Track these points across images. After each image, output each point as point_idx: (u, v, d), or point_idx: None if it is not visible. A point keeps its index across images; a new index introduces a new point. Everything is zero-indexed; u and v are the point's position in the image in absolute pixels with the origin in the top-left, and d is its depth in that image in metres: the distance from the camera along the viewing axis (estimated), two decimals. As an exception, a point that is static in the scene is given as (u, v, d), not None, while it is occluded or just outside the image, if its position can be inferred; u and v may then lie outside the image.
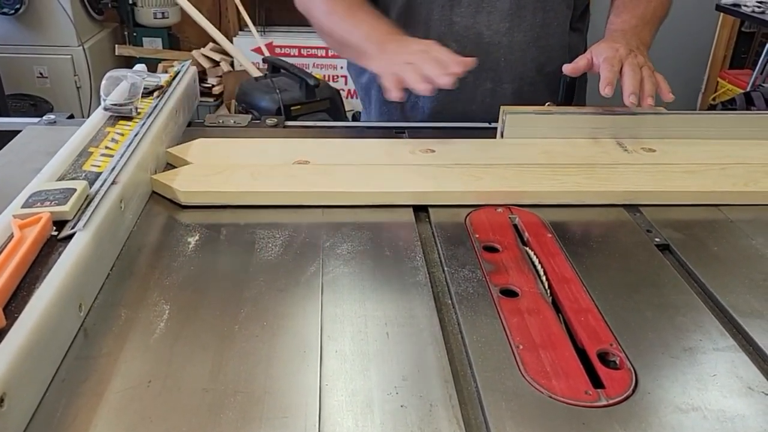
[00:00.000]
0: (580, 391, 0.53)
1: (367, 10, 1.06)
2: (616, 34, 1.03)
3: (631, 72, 0.93)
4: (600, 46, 0.98)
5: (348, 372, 0.54)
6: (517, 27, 1.12)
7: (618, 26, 1.06)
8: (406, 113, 1.22)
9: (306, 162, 0.88)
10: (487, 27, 1.11)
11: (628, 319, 0.62)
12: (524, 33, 1.12)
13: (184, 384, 0.52)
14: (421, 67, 0.87)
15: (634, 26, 1.05)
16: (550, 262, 0.71)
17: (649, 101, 0.92)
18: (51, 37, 3.11)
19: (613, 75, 0.92)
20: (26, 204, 0.65)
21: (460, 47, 1.11)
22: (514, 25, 1.11)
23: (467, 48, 1.12)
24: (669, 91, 0.94)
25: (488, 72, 1.14)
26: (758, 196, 0.85)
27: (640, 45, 1.01)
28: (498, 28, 1.11)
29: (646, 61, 0.96)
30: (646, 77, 0.93)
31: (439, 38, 1.11)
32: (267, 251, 0.71)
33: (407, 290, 0.66)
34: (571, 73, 0.98)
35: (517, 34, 1.12)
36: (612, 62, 0.93)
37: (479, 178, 0.85)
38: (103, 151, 0.79)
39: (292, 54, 3.43)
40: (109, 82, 0.93)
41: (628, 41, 0.99)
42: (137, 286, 0.65)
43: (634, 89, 0.91)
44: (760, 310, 0.64)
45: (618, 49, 0.95)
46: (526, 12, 1.11)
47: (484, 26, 1.11)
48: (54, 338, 0.53)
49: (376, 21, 1.03)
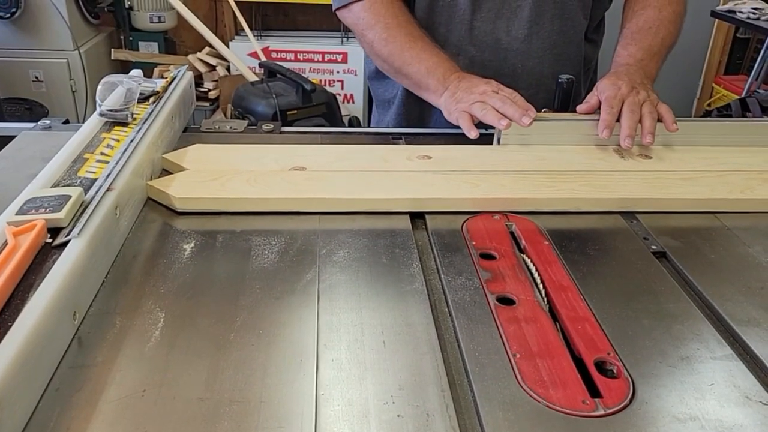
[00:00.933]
0: (578, 400, 0.53)
1: (426, 42, 1.08)
2: (620, 69, 1.03)
3: (629, 113, 0.93)
4: (603, 82, 0.99)
5: (344, 381, 0.54)
6: (535, 34, 1.13)
7: (624, 60, 1.07)
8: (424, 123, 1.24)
9: (302, 168, 0.88)
10: (506, 33, 1.13)
11: (625, 327, 0.62)
12: (542, 40, 1.14)
13: (179, 393, 0.52)
14: (500, 107, 0.94)
15: (640, 60, 1.05)
16: (546, 269, 0.71)
17: (647, 139, 0.93)
18: (47, 40, 3.10)
19: (611, 117, 0.94)
20: (21, 211, 0.64)
21: (479, 52, 1.14)
22: (533, 32, 1.13)
23: (485, 53, 1.15)
24: (673, 122, 0.95)
25: (505, 78, 1.14)
26: (755, 204, 0.85)
27: (644, 79, 1.01)
28: (517, 34, 1.13)
29: (648, 96, 0.97)
30: (645, 114, 0.94)
31: (459, 41, 1.14)
32: (263, 258, 0.71)
33: (404, 298, 0.65)
34: (585, 112, 0.98)
35: (535, 41, 1.14)
36: (612, 103, 0.94)
37: (476, 185, 0.85)
38: (98, 157, 0.79)
39: (288, 58, 3.43)
40: (104, 88, 0.93)
41: (631, 77, 1.00)
42: (132, 293, 0.65)
43: (630, 132, 0.92)
44: (758, 318, 0.64)
45: (620, 87, 0.96)
46: (544, 20, 1.13)
47: (503, 32, 1.13)
48: (48, 347, 0.52)
49: (437, 55, 1.06)
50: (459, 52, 1.16)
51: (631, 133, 0.92)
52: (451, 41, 1.15)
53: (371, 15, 1.10)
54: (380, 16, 1.10)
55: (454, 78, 1.02)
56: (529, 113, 0.93)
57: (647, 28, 1.09)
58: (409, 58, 1.07)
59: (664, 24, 1.09)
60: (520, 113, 0.93)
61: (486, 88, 0.97)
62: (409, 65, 1.07)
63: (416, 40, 1.08)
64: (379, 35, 1.10)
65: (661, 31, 1.09)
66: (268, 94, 2.48)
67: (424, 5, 1.15)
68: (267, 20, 3.64)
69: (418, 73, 1.06)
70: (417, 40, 1.08)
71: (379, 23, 1.10)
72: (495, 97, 0.95)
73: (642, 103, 0.95)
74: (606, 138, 0.93)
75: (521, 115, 0.93)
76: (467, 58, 1.16)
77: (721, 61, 3.91)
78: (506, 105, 0.94)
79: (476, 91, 0.97)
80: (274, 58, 3.40)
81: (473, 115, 0.96)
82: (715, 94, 3.77)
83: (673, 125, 0.95)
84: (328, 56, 3.44)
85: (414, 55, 1.06)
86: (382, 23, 1.09)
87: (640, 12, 1.12)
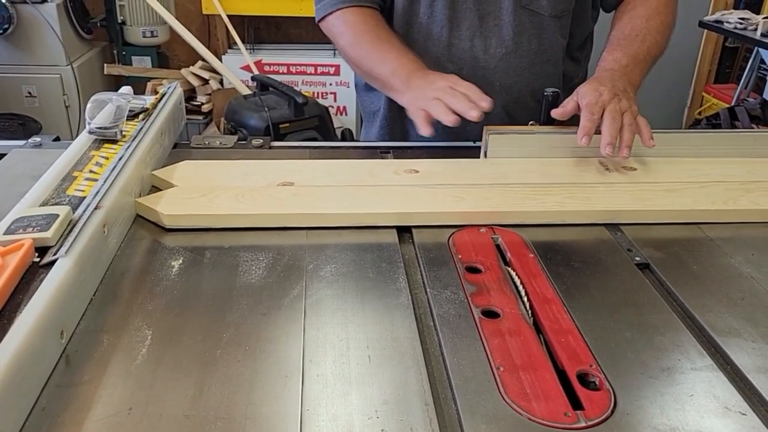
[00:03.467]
0: (560, 413, 0.53)
1: (393, 43, 1.09)
2: (604, 74, 1.02)
3: (610, 120, 0.92)
4: (585, 87, 0.97)
5: (329, 396, 0.55)
6: (513, 53, 1.14)
7: (608, 65, 1.05)
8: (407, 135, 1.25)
9: (290, 183, 0.89)
10: (483, 51, 1.14)
11: (608, 339, 0.63)
12: (520, 59, 1.15)
13: (165, 410, 0.52)
14: (449, 101, 0.92)
15: (625, 66, 1.04)
16: (531, 282, 0.71)
17: (624, 153, 0.91)
18: (39, 56, 3.11)
19: (591, 124, 0.92)
20: (8, 230, 0.65)
21: (457, 69, 1.14)
22: (510, 51, 1.14)
23: (463, 70, 1.15)
24: (650, 138, 0.93)
25: None
26: (737, 215, 0.86)
27: (627, 86, 1.00)
28: (494, 53, 1.14)
29: (630, 105, 0.95)
30: (626, 125, 0.92)
31: (437, 59, 1.15)
32: (250, 274, 0.72)
33: (390, 312, 0.66)
34: (560, 117, 0.97)
35: (513, 59, 1.15)
36: (592, 109, 0.93)
37: (462, 198, 0.86)
38: (87, 175, 0.79)
39: (281, 71, 3.45)
40: (94, 105, 0.94)
41: (614, 83, 0.98)
42: (120, 311, 0.65)
43: (611, 139, 0.91)
44: (738, 329, 0.65)
45: (602, 93, 0.95)
46: (522, 39, 1.14)
47: (481, 50, 1.14)
48: (35, 366, 0.53)
49: (403, 55, 1.06)
50: (437, 70, 1.17)
51: (612, 141, 0.91)
52: (429, 58, 1.16)
53: (342, 23, 1.13)
54: (350, 24, 1.12)
55: (417, 77, 1.01)
56: (480, 105, 0.91)
57: (634, 35, 1.09)
58: (376, 60, 1.08)
59: (651, 33, 1.09)
60: (468, 106, 0.90)
61: (442, 84, 0.96)
62: (376, 66, 1.08)
63: (383, 42, 1.09)
64: (348, 41, 1.12)
65: (648, 40, 1.08)
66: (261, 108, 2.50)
67: (401, 23, 1.16)
68: (259, 33, 3.66)
69: (384, 74, 1.06)
70: (383, 41, 1.09)
71: (349, 30, 1.12)
72: (448, 93, 0.93)
73: (623, 112, 0.94)
74: (585, 145, 0.91)
75: (469, 108, 0.90)
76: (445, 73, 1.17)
77: (710, 71, 3.94)
78: (455, 99, 0.92)
79: (432, 87, 0.96)
80: (266, 71, 3.41)
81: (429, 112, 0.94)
82: (705, 102, 3.80)
83: (650, 141, 0.93)
84: (320, 69, 3.46)
85: (380, 56, 1.07)
86: (351, 29, 1.12)
87: (627, 20, 1.12)
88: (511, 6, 1.11)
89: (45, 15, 3.03)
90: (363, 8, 1.13)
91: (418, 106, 0.95)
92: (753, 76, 3.39)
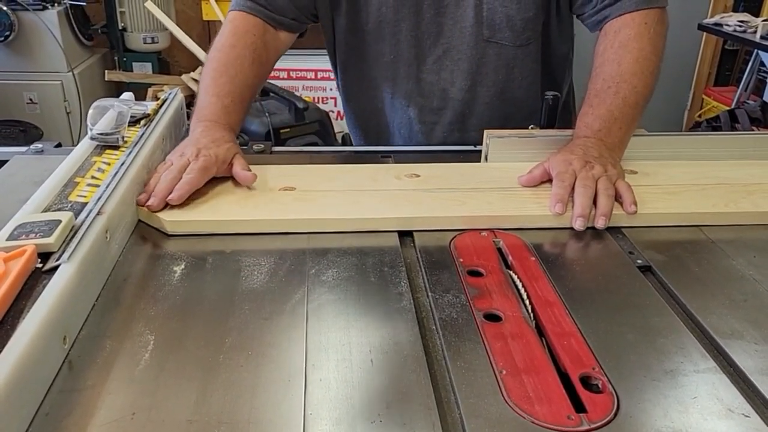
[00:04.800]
0: (563, 416, 0.53)
1: (224, 82, 1.02)
2: (577, 142, 0.95)
3: (582, 189, 0.85)
4: (555, 158, 0.92)
5: (332, 400, 0.55)
6: (479, 84, 1.15)
7: (581, 132, 0.97)
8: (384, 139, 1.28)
9: (292, 188, 0.89)
10: (450, 84, 1.15)
11: (610, 342, 0.63)
12: (487, 88, 1.16)
13: (169, 416, 0.53)
14: (163, 176, 0.85)
15: (597, 130, 0.95)
16: (533, 285, 0.72)
17: (600, 222, 0.83)
18: (41, 63, 3.12)
19: (564, 191, 0.85)
20: (11, 236, 0.65)
21: (427, 101, 1.17)
22: (476, 82, 1.15)
23: (434, 102, 1.18)
24: (632, 203, 0.85)
25: (455, 124, 1.19)
26: (738, 217, 0.86)
27: (604, 152, 0.92)
28: (461, 85, 1.15)
29: (605, 171, 0.88)
30: (600, 191, 0.85)
31: (407, 94, 1.17)
32: (252, 279, 0.72)
33: (392, 316, 0.66)
34: (526, 184, 0.91)
35: (479, 90, 1.16)
36: (563, 177, 0.87)
37: (463, 202, 0.86)
38: (89, 180, 0.80)
39: (281, 77, 3.45)
40: (96, 112, 0.94)
41: (586, 150, 0.92)
42: (122, 316, 0.65)
43: (582, 211, 0.83)
44: (741, 331, 0.65)
45: (571, 162, 0.89)
46: (487, 70, 1.14)
47: (448, 83, 1.16)
48: (38, 372, 0.53)
49: (213, 103, 1.00)
50: (408, 104, 1.19)
51: (584, 213, 0.82)
52: (399, 94, 1.17)
53: (224, 25, 1.11)
54: (224, 33, 1.09)
55: (197, 129, 0.95)
56: (170, 197, 0.81)
57: (606, 88, 0.98)
58: (201, 90, 1.03)
59: (625, 79, 0.98)
60: (161, 189, 0.82)
61: (178, 155, 0.89)
62: (199, 95, 1.03)
63: (219, 75, 1.03)
64: (212, 48, 1.09)
65: (622, 90, 0.97)
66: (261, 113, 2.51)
67: (369, 63, 1.17)
68: (260, 39, 3.66)
69: (197, 105, 1.02)
70: (221, 74, 1.03)
71: (222, 36, 1.09)
72: (172, 167, 0.86)
73: (597, 179, 0.86)
74: (560, 213, 0.83)
75: (159, 191, 0.82)
76: (417, 107, 1.19)
77: (710, 73, 3.95)
78: (166, 176, 0.84)
79: (179, 152, 0.90)
80: (267, 76, 3.42)
81: None
82: (705, 105, 3.81)
83: (632, 206, 0.84)
84: (320, 74, 3.46)
85: (204, 88, 1.03)
86: (220, 40, 1.09)
87: (599, 69, 1.01)
88: (473, 40, 1.11)
89: (46, 22, 3.04)
90: (250, 17, 1.09)
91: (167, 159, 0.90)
92: (753, 78, 3.40)
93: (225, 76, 1.03)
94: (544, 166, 0.92)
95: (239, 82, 1.04)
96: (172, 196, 0.82)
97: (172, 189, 0.83)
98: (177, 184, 0.83)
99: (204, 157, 0.87)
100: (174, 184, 0.83)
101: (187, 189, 0.83)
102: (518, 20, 1.09)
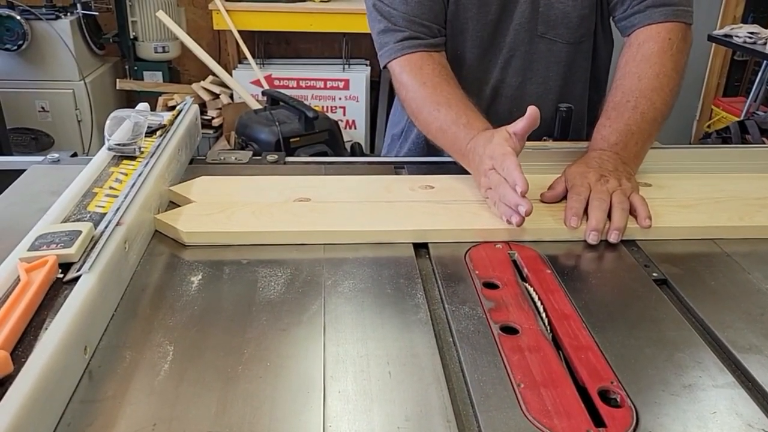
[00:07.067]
0: (582, 429, 0.53)
1: (451, 101, 1.01)
2: (592, 155, 0.95)
3: (596, 203, 0.85)
4: (571, 170, 0.92)
5: (351, 412, 0.55)
6: (528, 80, 1.16)
7: (598, 144, 0.97)
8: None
9: (307, 199, 0.89)
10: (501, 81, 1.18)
11: (627, 355, 0.63)
12: (536, 86, 1.17)
13: (189, 426, 0.53)
14: (498, 203, 0.85)
15: (613, 144, 0.95)
16: (549, 298, 0.72)
17: (613, 236, 0.83)
18: (53, 72, 3.15)
19: (579, 205, 0.86)
20: (32, 247, 0.66)
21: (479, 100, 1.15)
22: (526, 78, 1.17)
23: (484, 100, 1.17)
24: (646, 218, 0.85)
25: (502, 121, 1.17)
26: (753, 231, 0.86)
27: (619, 166, 0.92)
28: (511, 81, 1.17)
29: (619, 184, 0.88)
30: (615, 205, 0.85)
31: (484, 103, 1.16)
32: (269, 290, 0.72)
33: (409, 328, 0.66)
34: (549, 201, 0.91)
35: (529, 86, 1.17)
36: (578, 191, 0.87)
37: (478, 215, 0.86)
38: (107, 191, 0.80)
39: (290, 86, 3.47)
40: (113, 122, 0.95)
41: (603, 164, 0.92)
42: (141, 327, 0.66)
43: (597, 225, 0.83)
44: (759, 345, 0.65)
45: (586, 176, 0.89)
46: (539, 66, 1.16)
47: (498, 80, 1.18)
48: (60, 382, 0.53)
49: (456, 121, 0.98)
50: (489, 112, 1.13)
51: (598, 227, 0.83)
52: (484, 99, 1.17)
53: (400, 72, 1.07)
54: (409, 74, 1.05)
55: (469, 151, 0.94)
56: (521, 213, 0.81)
57: (624, 102, 0.98)
58: (432, 119, 1.01)
59: (644, 95, 0.98)
60: (511, 213, 0.82)
61: (486, 167, 0.88)
62: (434, 128, 1.01)
63: (440, 102, 1.01)
64: (406, 95, 1.05)
65: (641, 105, 0.97)
66: (271, 122, 2.52)
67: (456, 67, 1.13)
68: (269, 48, 3.69)
69: (446, 141, 1.00)
70: (441, 101, 1.01)
71: (408, 88, 1.05)
72: (494, 194, 0.86)
73: (612, 192, 0.87)
74: (575, 227, 0.84)
75: (512, 214, 0.82)
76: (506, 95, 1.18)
77: (719, 84, 3.95)
78: (501, 198, 0.84)
79: (480, 171, 0.90)
80: (276, 85, 3.44)
81: None
82: (715, 116, 3.80)
83: (646, 221, 0.84)
84: (330, 83, 3.48)
85: (434, 117, 1.01)
86: (410, 81, 1.05)
87: (619, 81, 1.02)
88: (527, 36, 1.12)
89: (59, 31, 3.08)
90: (425, 53, 1.06)
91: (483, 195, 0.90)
92: (762, 89, 3.39)
93: (444, 106, 1.00)
94: (562, 179, 0.92)
95: (457, 99, 1.01)
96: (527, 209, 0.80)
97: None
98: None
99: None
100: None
101: None
102: (574, 17, 1.10)
